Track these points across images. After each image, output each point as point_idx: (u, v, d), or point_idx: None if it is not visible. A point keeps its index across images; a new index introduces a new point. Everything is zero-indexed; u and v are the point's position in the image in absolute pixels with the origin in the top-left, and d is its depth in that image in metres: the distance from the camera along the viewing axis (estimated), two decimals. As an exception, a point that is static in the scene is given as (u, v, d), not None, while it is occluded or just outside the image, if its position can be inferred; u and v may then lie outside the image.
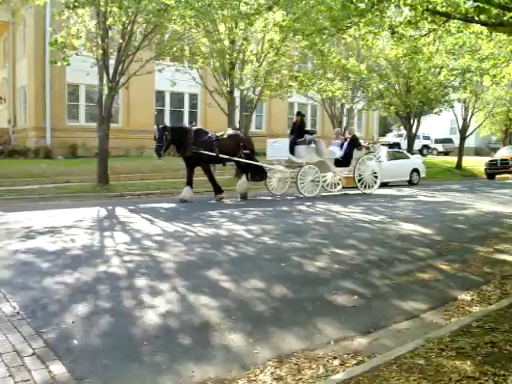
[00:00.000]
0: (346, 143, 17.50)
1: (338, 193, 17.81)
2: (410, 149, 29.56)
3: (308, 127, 17.67)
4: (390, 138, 42.53)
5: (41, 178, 17.04)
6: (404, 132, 34.77)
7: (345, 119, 28.59)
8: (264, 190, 16.49)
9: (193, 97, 31.33)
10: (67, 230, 9.21)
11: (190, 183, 14.44)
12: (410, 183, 23.32)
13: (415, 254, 7.63)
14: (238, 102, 21.52)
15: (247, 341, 4.28)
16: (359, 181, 17.28)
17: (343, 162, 17.13)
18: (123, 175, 18.20)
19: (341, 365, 3.93)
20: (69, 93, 27.49)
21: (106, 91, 17.28)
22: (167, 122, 30.40)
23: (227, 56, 19.59)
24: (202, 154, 14.30)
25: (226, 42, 19.51)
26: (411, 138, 30.50)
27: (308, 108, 36.31)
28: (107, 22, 16.39)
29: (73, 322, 4.51)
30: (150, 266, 6.46)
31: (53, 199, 14.34)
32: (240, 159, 15.21)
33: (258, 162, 15.74)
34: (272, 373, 3.79)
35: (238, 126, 20.79)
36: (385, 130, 54.21)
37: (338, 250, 7.61)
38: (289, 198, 15.60)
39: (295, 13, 14.89)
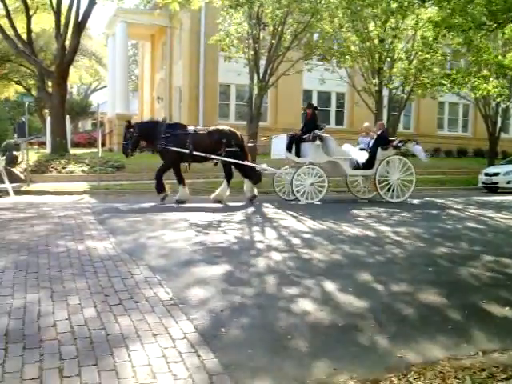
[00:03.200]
0: (372, 141, 15.09)
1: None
2: None
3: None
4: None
5: (192, 172, 17.83)
6: None
7: (499, 119, 26.91)
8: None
9: (340, 96, 31.19)
10: (220, 223, 9.69)
11: (181, 182, 13.26)
12: None
13: None
14: (385, 101, 21.10)
15: (391, 344, 4.19)
16: (383, 187, 14.51)
17: (365, 163, 14.60)
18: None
19: (488, 377, 3.70)
20: (220, 92, 28.62)
21: (256, 91, 17.78)
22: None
23: (376, 54, 19.28)
24: (171, 149, 12.80)
25: (376, 41, 19.20)
26: None
27: (459, 107, 34.71)
28: (265, 21, 16.89)
29: (221, 311, 4.69)
30: (297, 263, 6.56)
31: (203, 193, 14.96)
32: (219, 157, 13.17)
33: (245, 160, 13.60)
34: (415, 378, 3.67)
35: (385, 125, 20.38)
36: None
37: (491, 257, 7.19)
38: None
39: (450, 8, 14.26)
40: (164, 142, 12.77)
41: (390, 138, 15.21)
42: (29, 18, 24.15)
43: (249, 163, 13.73)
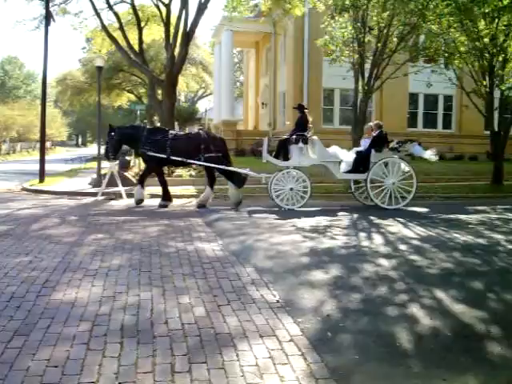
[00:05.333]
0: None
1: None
2: None
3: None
4: None
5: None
6: None
7: None
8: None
9: (447, 98, 30.17)
10: (326, 228, 9.72)
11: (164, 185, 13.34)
12: None
13: None
14: (497, 103, 20.13)
15: (505, 355, 3.98)
16: (374, 189, 13.18)
17: (358, 166, 13.34)
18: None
19: None
20: (324, 97, 28.60)
21: (360, 95, 17.60)
22: (420, 124, 29.90)
23: (487, 54, 18.46)
24: (149, 154, 12.91)
25: (486, 40, 18.39)
26: None
27: None
28: (370, 25, 16.74)
29: (328, 315, 4.68)
30: (406, 270, 6.45)
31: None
32: (197, 162, 13.24)
33: (228, 165, 13.21)
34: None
35: (496, 128, 19.44)
36: None
37: None
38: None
39: None
40: (143, 146, 12.92)
41: (391, 140, 13.90)
42: (140, 29, 25.27)
43: (229, 168, 13.21)
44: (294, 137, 13.23)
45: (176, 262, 6.61)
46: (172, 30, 22.92)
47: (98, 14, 23.54)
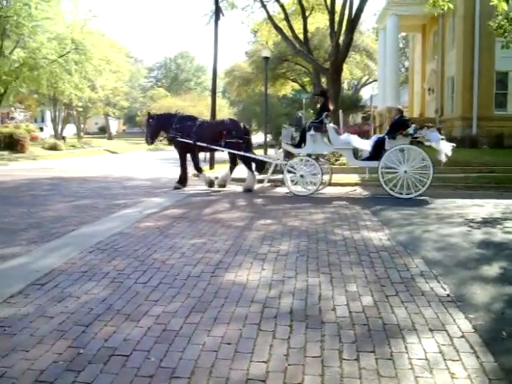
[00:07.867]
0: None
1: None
2: None
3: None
4: None
5: (465, 166, 17.11)
6: None
7: None
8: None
9: None
10: (498, 220, 9.21)
11: (199, 169, 14.74)
12: None
13: None
14: None
15: None
16: (390, 180, 12.58)
17: (377, 153, 12.88)
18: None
19: None
20: (497, 81, 26.84)
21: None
22: None
23: None
24: (178, 140, 14.01)
25: None
26: None
27: None
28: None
29: (502, 313, 4.46)
30: None
31: (476, 188, 14.27)
32: (219, 148, 14.27)
33: (249, 152, 14.12)
34: None
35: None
36: None
37: None
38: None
39: None
40: (173, 132, 14.07)
41: (412, 125, 12.88)
42: (305, 19, 25.56)
43: (249, 154, 14.06)
44: (308, 124, 13.47)
45: (343, 250, 6.67)
46: (336, 17, 22.88)
47: (264, 6, 24.21)
